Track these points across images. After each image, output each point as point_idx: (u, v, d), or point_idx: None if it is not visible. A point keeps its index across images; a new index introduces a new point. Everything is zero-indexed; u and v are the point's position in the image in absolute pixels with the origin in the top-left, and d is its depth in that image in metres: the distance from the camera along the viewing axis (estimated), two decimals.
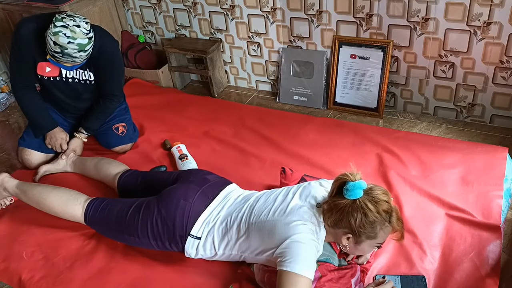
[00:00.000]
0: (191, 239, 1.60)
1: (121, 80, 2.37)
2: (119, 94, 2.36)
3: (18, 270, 1.75)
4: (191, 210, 1.61)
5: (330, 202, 1.43)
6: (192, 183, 1.71)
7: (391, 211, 1.40)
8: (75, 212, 1.82)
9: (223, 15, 2.99)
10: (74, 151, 2.31)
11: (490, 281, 1.54)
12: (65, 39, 1.89)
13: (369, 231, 1.39)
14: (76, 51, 1.93)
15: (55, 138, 2.28)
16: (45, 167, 2.26)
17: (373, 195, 1.38)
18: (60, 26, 1.88)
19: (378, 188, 1.41)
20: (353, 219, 1.38)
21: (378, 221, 1.38)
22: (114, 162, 2.17)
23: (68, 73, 2.19)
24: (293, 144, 2.30)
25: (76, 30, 1.90)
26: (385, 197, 1.40)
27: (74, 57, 1.96)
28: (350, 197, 1.38)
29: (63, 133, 2.30)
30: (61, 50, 1.91)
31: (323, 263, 1.48)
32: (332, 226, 1.44)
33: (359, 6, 2.53)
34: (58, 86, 2.22)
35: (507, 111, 2.50)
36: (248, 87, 3.25)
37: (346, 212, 1.39)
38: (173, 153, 2.30)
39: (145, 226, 1.64)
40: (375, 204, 1.37)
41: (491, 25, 2.28)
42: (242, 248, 1.54)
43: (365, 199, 1.37)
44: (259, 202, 1.57)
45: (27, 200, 1.94)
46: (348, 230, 1.41)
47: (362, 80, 2.72)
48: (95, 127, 2.36)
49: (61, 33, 1.88)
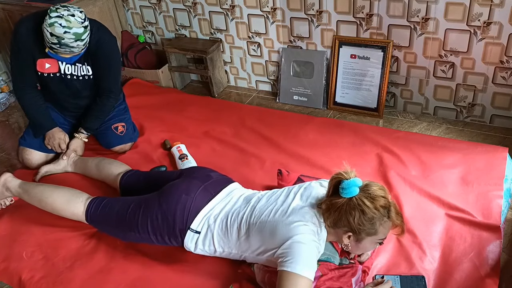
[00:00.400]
0: (191, 233, 1.60)
1: (118, 76, 2.37)
2: (116, 90, 2.35)
3: (18, 270, 1.76)
4: (192, 204, 1.61)
5: (327, 202, 1.43)
6: (195, 178, 1.71)
7: (389, 206, 1.40)
8: (76, 211, 1.82)
9: (223, 15, 2.99)
10: (74, 151, 2.31)
11: (489, 281, 1.54)
12: (61, 29, 1.90)
13: (368, 227, 1.39)
14: (73, 40, 1.94)
15: (54, 138, 2.28)
16: (46, 167, 2.26)
17: (370, 192, 1.38)
18: (55, 17, 1.90)
19: (374, 184, 1.41)
20: (352, 217, 1.38)
21: (376, 217, 1.38)
22: (116, 162, 2.18)
23: (67, 69, 2.19)
24: (293, 144, 2.30)
25: (71, 19, 1.91)
26: (382, 192, 1.40)
27: (71, 47, 1.96)
28: (346, 196, 1.38)
29: (61, 133, 2.30)
30: (58, 40, 1.92)
31: (323, 262, 1.48)
32: (332, 226, 1.44)
33: (359, 6, 2.53)
34: (58, 83, 2.23)
35: (507, 111, 2.50)
36: (248, 87, 3.25)
37: (344, 211, 1.39)
38: (173, 153, 2.30)
39: (145, 221, 1.65)
40: (372, 200, 1.37)
41: (491, 25, 2.28)
42: (242, 248, 1.54)
43: (361, 196, 1.38)
44: (260, 202, 1.58)
45: (29, 199, 1.95)
46: (348, 229, 1.41)
47: (362, 80, 2.72)
48: (94, 127, 2.36)
49: (56, 24, 1.89)
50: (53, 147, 2.30)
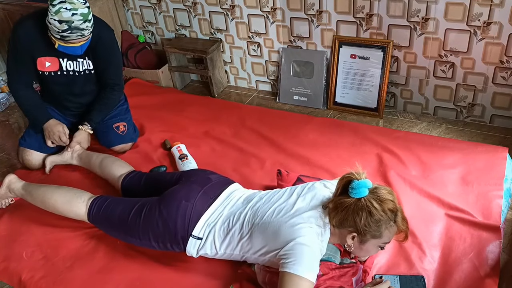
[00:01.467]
0: (193, 240, 1.60)
1: (120, 69, 2.38)
2: (120, 82, 2.37)
3: (18, 270, 1.76)
4: (192, 210, 1.60)
5: (335, 201, 1.43)
6: (194, 183, 1.71)
7: (396, 210, 1.40)
8: (79, 211, 1.82)
9: (223, 15, 2.99)
10: (79, 143, 2.30)
11: (489, 281, 1.54)
12: (68, 12, 1.91)
13: (374, 229, 1.38)
14: (82, 21, 1.95)
15: (53, 132, 2.26)
16: (50, 158, 2.28)
17: (378, 194, 1.38)
18: (58, 3, 1.91)
19: (383, 188, 1.41)
20: (359, 218, 1.38)
21: (383, 220, 1.37)
22: (118, 161, 2.17)
23: (69, 66, 2.19)
24: (293, 144, 2.30)
25: (74, 1, 1.92)
26: (391, 196, 1.40)
27: (82, 29, 1.98)
28: (355, 196, 1.38)
29: (59, 125, 2.28)
30: (68, 25, 1.93)
31: (324, 262, 1.48)
32: (337, 225, 1.44)
33: (359, 6, 2.53)
34: (58, 81, 2.23)
35: (507, 111, 2.50)
36: (248, 87, 3.25)
37: (351, 210, 1.39)
38: (173, 153, 2.30)
39: (147, 228, 1.64)
40: (380, 203, 1.37)
41: (491, 25, 2.27)
42: (244, 248, 1.54)
43: (370, 197, 1.38)
44: (262, 203, 1.57)
45: (32, 200, 1.95)
46: (353, 229, 1.41)
47: (362, 80, 2.72)
48: (97, 119, 2.34)
49: (62, 9, 1.90)
50: (55, 141, 2.28)
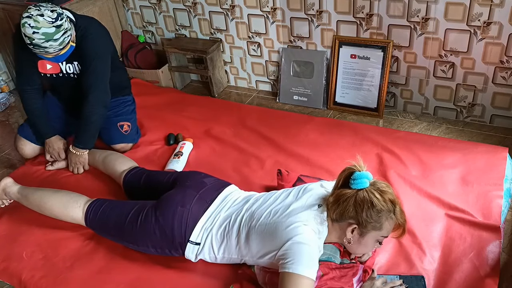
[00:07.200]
0: (191, 245, 1.60)
1: (105, 77, 2.12)
2: (103, 95, 2.12)
3: (18, 270, 1.76)
4: (189, 216, 1.60)
5: (336, 193, 1.44)
6: (189, 187, 1.70)
7: (396, 201, 1.42)
8: (75, 215, 1.81)
9: (223, 15, 2.99)
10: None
11: (489, 281, 1.54)
12: (29, 29, 1.85)
13: (375, 220, 1.39)
14: (44, 40, 1.87)
15: (53, 148, 2.27)
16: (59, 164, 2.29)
17: (378, 186, 1.40)
18: (26, 17, 1.85)
19: (382, 182, 1.44)
20: (360, 208, 1.38)
21: (384, 210, 1.38)
22: (121, 157, 2.18)
23: (68, 68, 2.15)
24: (293, 144, 2.30)
25: (39, 19, 1.85)
26: (390, 189, 1.42)
27: (44, 47, 1.90)
28: (356, 187, 1.39)
29: (60, 142, 2.29)
30: (30, 41, 1.88)
31: (324, 262, 1.48)
32: (337, 219, 1.44)
33: (359, 6, 2.53)
34: (62, 83, 2.22)
35: (507, 111, 2.50)
36: (248, 87, 3.25)
37: (352, 201, 1.39)
38: (178, 146, 2.33)
39: (144, 236, 1.64)
40: (381, 193, 1.38)
41: (491, 25, 2.27)
42: (242, 252, 1.53)
43: (371, 188, 1.39)
44: (258, 205, 1.57)
45: (28, 204, 1.94)
46: (354, 221, 1.41)
47: (362, 80, 2.72)
48: (82, 142, 2.18)
49: (26, 24, 1.85)
50: (53, 155, 2.29)
